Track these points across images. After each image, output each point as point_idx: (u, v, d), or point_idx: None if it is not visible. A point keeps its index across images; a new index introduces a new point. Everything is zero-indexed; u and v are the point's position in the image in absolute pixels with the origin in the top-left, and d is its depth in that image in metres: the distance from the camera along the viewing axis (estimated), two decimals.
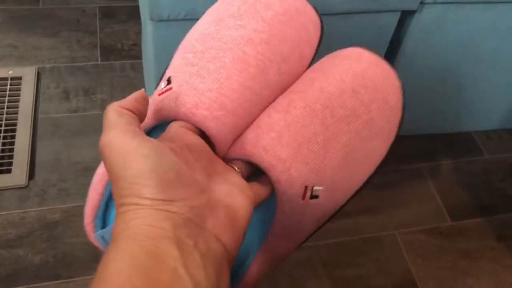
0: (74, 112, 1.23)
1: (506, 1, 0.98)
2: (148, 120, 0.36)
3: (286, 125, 0.36)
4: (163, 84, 0.38)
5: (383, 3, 0.92)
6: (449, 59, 1.09)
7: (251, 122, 0.37)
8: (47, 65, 1.33)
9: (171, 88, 0.36)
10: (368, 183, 0.40)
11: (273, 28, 0.39)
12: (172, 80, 0.37)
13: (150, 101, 0.36)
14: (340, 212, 0.40)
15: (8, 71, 1.29)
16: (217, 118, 0.35)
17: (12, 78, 1.27)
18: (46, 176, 1.10)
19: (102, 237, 0.37)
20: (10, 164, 1.11)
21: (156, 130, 0.37)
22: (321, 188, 0.36)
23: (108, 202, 0.39)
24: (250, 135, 0.36)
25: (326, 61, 0.41)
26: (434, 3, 0.95)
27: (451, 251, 1.10)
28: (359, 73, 0.39)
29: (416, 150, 1.28)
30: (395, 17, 0.96)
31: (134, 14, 1.48)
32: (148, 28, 0.89)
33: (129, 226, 0.27)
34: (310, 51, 0.42)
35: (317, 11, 0.44)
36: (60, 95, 1.27)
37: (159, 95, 0.37)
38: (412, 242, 1.10)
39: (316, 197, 0.36)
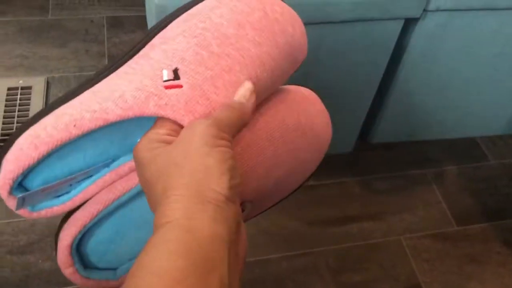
0: None
1: (508, 8, 0.99)
2: (144, 112, 0.34)
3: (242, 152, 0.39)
4: (166, 72, 0.35)
5: (387, 11, 0.93)
6: (452, 65, 1.10)
7: None
8: (56, 75, 1.35)
9: (181, 86, 0.34)
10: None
11: (280, 57, 0.39)
12: (181, 75, 0.35)
13: (151, 86, 0.34)
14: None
15: (19, 81, 1.32)
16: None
17: (22, 88, 1.30)
18: None
19: (22, 198, 0.35)
20: None
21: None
22: (249, 204, 0.39)
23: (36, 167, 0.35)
24: None
25: (289, 95, 0.44)
26: (437, 10, 0.96)
27: (457, 255, 1.11)
28: (307, 117, 0.43)
29: (421, 156, 1.28)
30: (399, 24, 0.98)
31: (141, 24, 1.50)
32: None
33: (189, 219, 0.28)
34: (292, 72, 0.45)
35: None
36: None
37: (166, 88, 0.34)
38: (417, 247, 1.11)
39: (243, 210, 0.39)
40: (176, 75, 0.35)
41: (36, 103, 1.27)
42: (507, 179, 1.27)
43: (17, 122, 1.22)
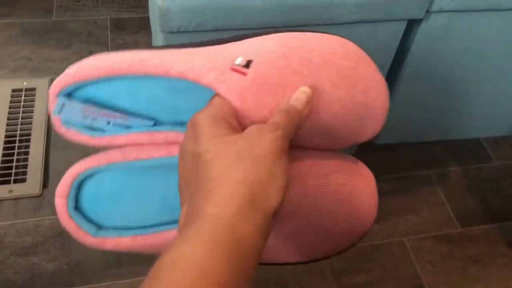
0: None
1: None
2: (201, 79, 0.35)
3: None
4: (240, 59, 0.36)
5: (389, 13, 0.93)
6: (456, 66, 1.10)
7: None
8: None
9: (246, 74, 0.35)
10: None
11: (350, 112, 0.39)
12: (252, 67, 0.36)
13: (220, 63, 0.35)
14: None
15: (23, 82, 1.32)
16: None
17: (26, 90, 1.30)
18: None
19: (63, 103, 0.37)
20: (25, 173, 1.14)
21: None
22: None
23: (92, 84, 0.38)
24: None
25: (343, 162, 0.43)
26: (440, 11, 0.96)
27: (461, 257, 1.10)
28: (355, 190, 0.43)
29: (424, 157, 1.28)
30: (402, 26, 0.98)
31: (144, 25, 1.51)
32: (158, 40, 0.91)
33: (236, 224, 0.27)
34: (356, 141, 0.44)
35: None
36: None
37: (231, 69, 0.35)
38: (421, 248, 1.11)
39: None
40: (247, 64, 0.36)
41: (40, 105, 1.27)
42: (511, 180, 1.26)
43: (21, 124, 1.23)
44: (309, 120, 0.36)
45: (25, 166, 1.15)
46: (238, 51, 0.37)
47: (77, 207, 0.41)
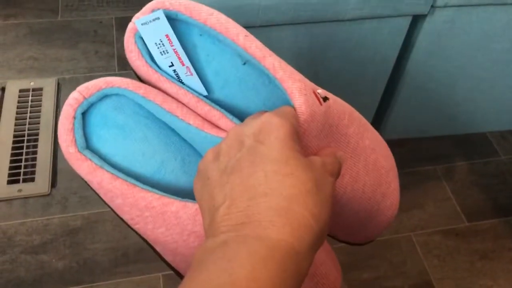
0: None
1: None
2: (288, 80, 0.36)
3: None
4: (320, 90, 0.38)
5: (394, 8, 0.93)
6: (461, 61, 1.09)
7: None
8: (67, 76, 1.37)
9: (321, 104, 0.36)
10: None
11: (371, 179, 0.41)
12: (327, 103, 0.38)
13: (299, 75, 0.37)
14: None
15: (30, 82, 1.33)
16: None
17: (33, 89, 1.31)
18: (68, 184, 1.14)
19: (146, 24, 0.37)
20: (33, 173, 1.15)
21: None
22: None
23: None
24: None
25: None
26: (445, 6, 0.96)
27: (468, 252, 1.10)
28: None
29: (430, 152, 1.28)
30: (407, 21, 0.98)
31: None
32: None
33: (297, 240, 0.26)
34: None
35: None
36: None
37: (314, 92, 0.36)
38: (428, 243, 1.11)
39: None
40: (325, 99, 0.37)
41: (48, 104, 1.28)
42: None
43: (29, 123, 1.24)
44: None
45: (34, 166, 1.16)
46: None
47: (84, 113, 0.38)
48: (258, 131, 0.30)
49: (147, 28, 0.37)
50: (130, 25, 0.38)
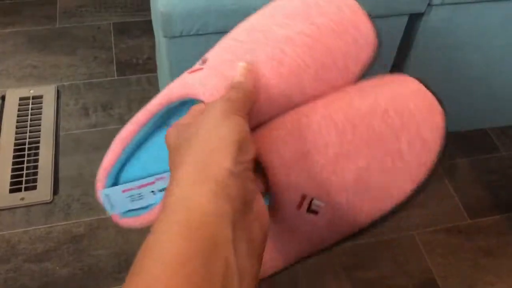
0: (93, 127, 1.27)
1: None
2: (173, 97, 0.37)
3: (298, 127, 0.34)
4: (197, 64, 0.38)
5: (391, 8, 0.93)
6: (460, 58, 1.09)
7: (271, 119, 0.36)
8: (66, 83, 1.37)
9: (202, 69, 0.37)
10: (377, 224, 0.36)
11: (320, 35, 0.38)
12: (207, 62, 0.38)
13: (179, 78, 0.37)
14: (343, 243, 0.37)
15: (30, 90, 1.34)
16: None
17: (33, 97, 1.32)
18: (70, 191, 1.14)
19: (107, 196, 0.39)
20: (35, 180, 1.15)
21: (184, 105, 0.38)
22: (322, 204, 0.33)
23: (123, 165, 0.40)
24: (262, 130, 0.35)
25: (369, 81, 0.39)
26: (442, 4, 0.96)
27: (471, 249, 1.10)
28: (397, 97, 0.36)
29: None
30: (403, 20, 0.98)
31: (147, 28, 1.51)
32: (162, 45, 0.92)
33: (190, 196, 0.27)
34: (356, 68, 0.39)
35: (377, 33, 0.41)
36: (80, 111, 1.30)
37: (189, 73, 0.37)
38: (431, 241, 1.11)
39: (315, 212, 0.34)
40: (203, 63, 0.38)
41: (48, 112, 1.29)
42: None
43: (30, 131, 1.24)
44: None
45: (35, 173, 1.16)
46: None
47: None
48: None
49: (115, 204, 0.40)
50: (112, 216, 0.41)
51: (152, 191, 0.40)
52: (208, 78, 0.36)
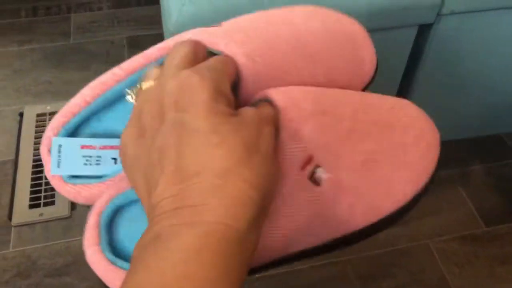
0: None
1: None
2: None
3: (318, 89, 0.32)
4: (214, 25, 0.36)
5: (400, 19, 0.94)
6: (472, 66, 1.09)
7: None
8: None
9: (220, 25, 0.35)
10: (367, 233, 0.34)
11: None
12: (223, 25, 0.35)
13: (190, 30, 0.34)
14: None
15: (46, 106, 1.36)
16: (249, 59, 0.32)
17: (50, 113, 1.35)
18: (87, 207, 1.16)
19: (59, 147, 0.33)
20: (53, 196, 1.17)
21: None
22: (326, 176, 0.30)
23: (89, 117, 0.36)
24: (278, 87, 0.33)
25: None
26: (452, 13, 0.96)
27: (487, 257, 1.10)
28: (402, 103, 0.36)
29: (444, 156, 1.26)
30: (413, 31, 0.98)
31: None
32: None
33: (233, 219, 0.24)
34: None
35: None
36: None
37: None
38: (446, 250, 1.11)
39: (317, 183, 0.30)
40: (219, 25, 0.36)
41: None
42: None
43: None
44: None
45: (53, 189, 1.18)
46: None
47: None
48: (179, 97, 0.26)
49: (63, 161, 0.34)
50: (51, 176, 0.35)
51: (114, 158, 0.34)
52: (229, 33, 0.33)
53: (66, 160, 0.33)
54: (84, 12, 1.64)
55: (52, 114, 1.35)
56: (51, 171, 0.34)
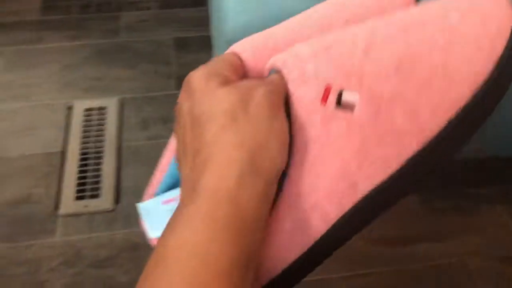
0: (153, 139, 1.33)
1: None
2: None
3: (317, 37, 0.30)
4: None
5: None
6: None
7: None
8: (128, 96, 1.44)
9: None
10: (463, 124, 0.27)
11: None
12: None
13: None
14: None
15: (94, 101, 1.41)
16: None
17: (99, 108, 1.39)
18: (131, 201, 1.20)
19: (147, 212, 0.36)
20: (99, 189, 1.22)
21: None
22: (356, 96, 0.26)
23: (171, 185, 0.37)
24: None
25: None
26: None
27: None
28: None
29: (484, 173, 1.26)
30: None
31: (206, 43, 1.56)
32: None
33: (240, 190, 0.25)
34: None
35: None
36: (140, 124, 1.37)
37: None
38: (483, 269, 1.10)
39: (349, 108, 0.26)
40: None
41: (112, 123, 1.35)
42: None
43: (95, 141, 1.31)
44: None
45: (99, 182, 1.23)
46: None
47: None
48: (186, 95, 0.31)
49: (154, 219, 0.36)
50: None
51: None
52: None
53: (156, 220, 0.36)
54: (133, 11, 1.69)
55: (101, 109, 1.39)
56: (150, 235, 0.36)
